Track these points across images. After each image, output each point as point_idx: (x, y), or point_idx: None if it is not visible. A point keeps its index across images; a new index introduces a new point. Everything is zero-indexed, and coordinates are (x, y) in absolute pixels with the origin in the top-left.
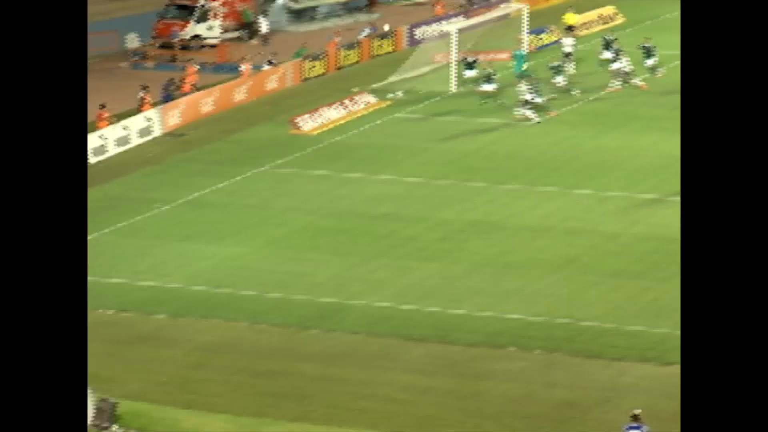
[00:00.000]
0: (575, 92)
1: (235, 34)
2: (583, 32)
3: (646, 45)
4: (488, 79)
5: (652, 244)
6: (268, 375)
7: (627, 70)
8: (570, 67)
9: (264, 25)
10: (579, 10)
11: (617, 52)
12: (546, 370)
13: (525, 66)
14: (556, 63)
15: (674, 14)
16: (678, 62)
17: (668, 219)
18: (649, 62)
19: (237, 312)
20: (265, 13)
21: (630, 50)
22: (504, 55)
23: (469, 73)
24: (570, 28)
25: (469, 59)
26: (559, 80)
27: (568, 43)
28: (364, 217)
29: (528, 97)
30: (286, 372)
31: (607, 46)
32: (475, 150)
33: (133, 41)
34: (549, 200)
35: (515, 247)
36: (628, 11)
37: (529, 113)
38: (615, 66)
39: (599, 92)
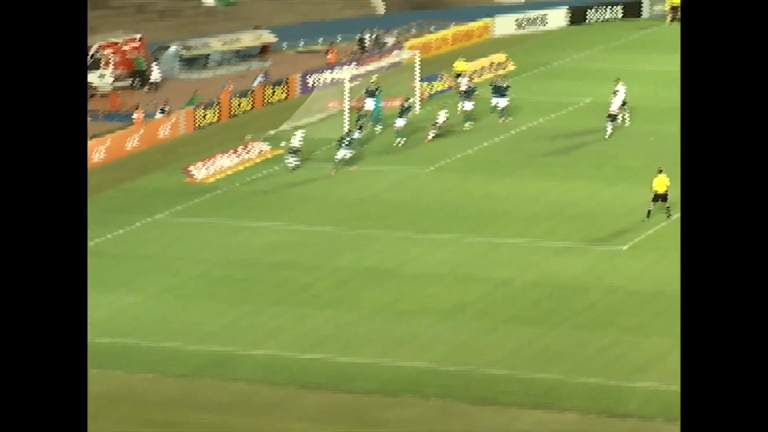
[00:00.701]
0: (398, 141)
1: (128, 82)
2: (475, 79)
3: (501, 85)
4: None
5: (544, 290)
6: (164, 424)
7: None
8: (468, 105)
9: (156, 73)
10: (471, 58)
11: (468, 94)
12: (441, 417)
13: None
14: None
15: (565, 60)
16: (568, 109)
17: (559, 265)
18: (501, 103)
19: (131, 362)
20: (157, 60)
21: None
22: (397, 102)
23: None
24: (460, 76)
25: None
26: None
27: (463, 83)
28: (259, 265)
29: (297, 145)
30: (181, 422)
31: (498, 91)
32: (368, 197)
33: None
34: (442, 247)
35: (409, 294)
36: (519, 58)
37: (291, 160)
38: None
39: (489, 138)
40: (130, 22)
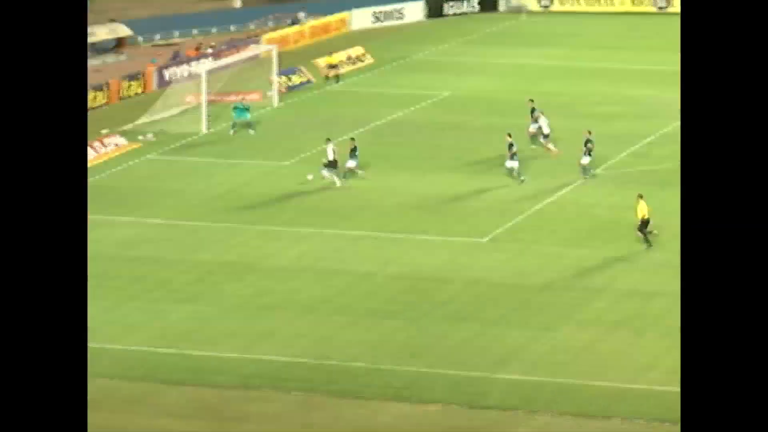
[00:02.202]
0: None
1: None
2: (333, 72)
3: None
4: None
5: (405, 284)
6: None
7: (545, 131)
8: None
9: None
10: (329, 51)
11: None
12: (303, 412)
13: (248, 116)
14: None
15: (423, 54)
16: (427, 102)
17: (420, 258)
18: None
19: None
20: None
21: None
22: (255, 96)
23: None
24: (332, 67)
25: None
26: None
27: (545, 124)
28: (116, 260)
29: (330, 158)
30: None
31: (532, 112)
32: (227, 191)
33: None
34: (302, 241)
35: (270, 289)
36: (377, 52)
37: (325, 173)
38: (532, 127)
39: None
40: None
